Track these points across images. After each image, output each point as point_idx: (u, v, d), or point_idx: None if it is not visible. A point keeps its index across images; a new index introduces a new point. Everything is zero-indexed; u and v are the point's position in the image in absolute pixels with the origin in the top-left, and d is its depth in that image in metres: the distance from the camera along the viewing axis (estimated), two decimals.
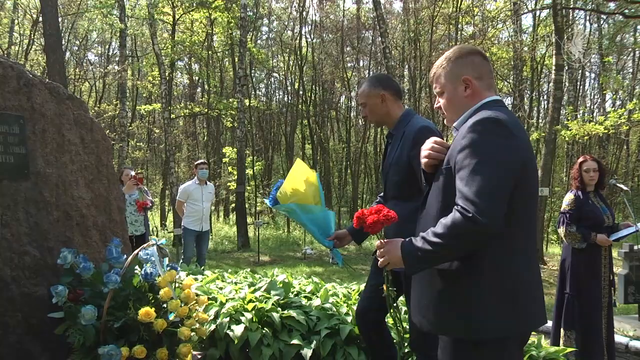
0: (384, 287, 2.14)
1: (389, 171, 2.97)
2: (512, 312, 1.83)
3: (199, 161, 8.17)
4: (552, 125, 12.14)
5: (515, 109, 19.42)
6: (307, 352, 3.25)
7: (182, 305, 2.76)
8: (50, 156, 3.02)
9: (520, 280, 1.86)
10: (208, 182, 8.03)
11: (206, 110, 21.86)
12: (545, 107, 24.72)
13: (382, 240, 1.98)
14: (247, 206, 18.40)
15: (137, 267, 2.90)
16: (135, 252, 2.80)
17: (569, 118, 13.77)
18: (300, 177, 3.14)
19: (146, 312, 2.53)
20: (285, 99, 28.75)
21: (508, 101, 25.09)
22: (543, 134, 13.44)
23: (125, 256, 2.89)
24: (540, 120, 23.94)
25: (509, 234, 1.81)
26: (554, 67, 12.16)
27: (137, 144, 23.52)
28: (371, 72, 26.61)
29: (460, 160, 1.81)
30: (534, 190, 1.93)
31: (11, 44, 21.82)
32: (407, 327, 3.06)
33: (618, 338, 5.09)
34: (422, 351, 2.77)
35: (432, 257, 1.84)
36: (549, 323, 5.19)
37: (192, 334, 2.78)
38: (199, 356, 3.19)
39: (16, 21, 22.32)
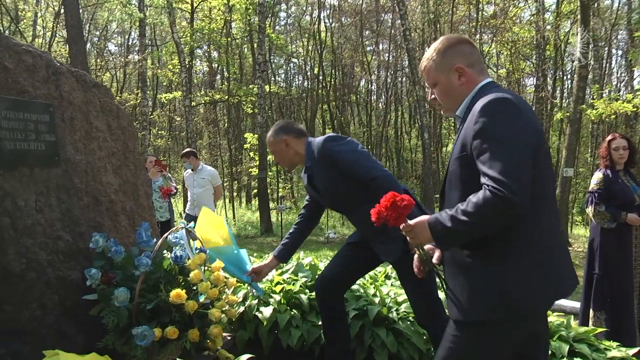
0: (421, 262, 2.15)
1: (326, 192, 3.09)
2: (546, 284, 1.85)
3: (184, 151, 8.12)
4: (577, 104, 11.93)
5: (538, 90, 19.10)
6: None
7: (212, 287, 2.80)
8: (78, 143, 3.06)
9: (549, 251, 1.88)
10: (206, 168, 7.96)
11: (226, 97, 21.94)
12: (569, 86, 24.31)
13: (406, 223, 1.95)
14: (269, 191, 18.48)
15: (165, 250, 2.95)
16: (165, 235, 2.84)
17: (594, 97, 13.50)
18: (208, 224, 3.32)
19: (177, 293, 2.57)
20: (305, 84, 28.71)
21: (531, 82, 24.72)
22: (567, 114, 13.20)
23: (155, 240, 2.93)
24: (564, 100, 23.55)
25: (533, 209, 1.81)
26: (578, 45, 11.90)
27: (159, 132, 23.77)
28: (391, 56, 26.36)
29: (479, 145, 1.82)
30: (548, 161, 1.96)
31: (35, 37, 22.10)
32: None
33: None
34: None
35: (462, 235, 1.83)
36: (577, 304, 5.15)
37: (222, 315, 2.82)
38: (229, 337, 3.24)
39: (39, 14, 22.60)
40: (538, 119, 1.99)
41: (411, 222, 1.94)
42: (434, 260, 2.16)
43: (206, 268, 2.94)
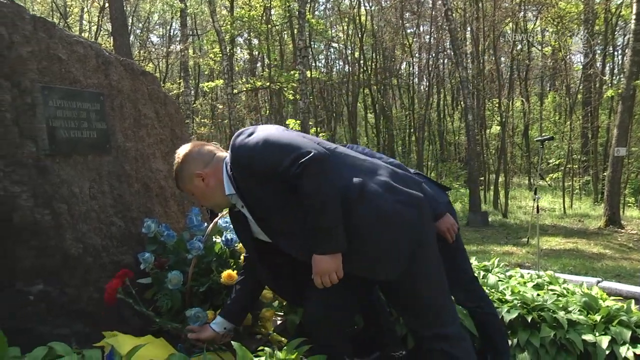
0: None
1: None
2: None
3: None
4: (630, 80, 11.44)
5: (586, 67, 18.42)
6: None
7: None
8: (128, 131, 3.12)
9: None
10: None
11: (268, 84, 22.02)
12: (620, 62, 23.36)
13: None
14: None
15: (215, 235, 2.98)
16: (216, 219, 2.87)
17: None
18: None
19: (229, 274, 2.60)
20: (346, 68, 28.54)
21: (578, 59, 23.86)
22: (619, 91, 12.67)
23: (205, 224, 2.97)
24: (614, 77, 22.64)
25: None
26: (633, 17, 11.39)
27: (202, 120, 24.08)
28: (432, 37, 25.90)
29: (257, 164, 1.99)
30: None
31: (82, 31, 22.71)
32: None
33: None
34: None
35: (330, 215, 1.91)
36: (635, 288, 4.96)
37: (274, 298, 2.84)
38: (280, 321, 3.26)
39: (85, 9, 23.18)
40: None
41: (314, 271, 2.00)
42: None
43: None
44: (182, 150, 2.26)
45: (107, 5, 15.99)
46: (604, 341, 2.92)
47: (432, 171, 26.67)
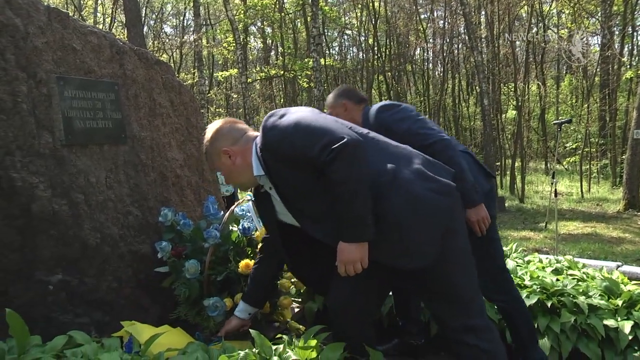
0: None
1: None
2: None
3: None
4: None
5: (604, 48, 18.08)
6: None
7: None
8: (143, 120, 3.12)
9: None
10: None
11: (282, 72, 21.97)
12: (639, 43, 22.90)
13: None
14: None
15: (232, 224, 2.97)
16: (232, 208, 2.87)
17: None
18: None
19: (246, 264, 2.59)
20: (360, 55, 28.36)
21: (595, 40, 23.45)
22: (639, 72, 12.43)
23: (222, 212, 2.97)
24: (633, 58, 22.22)
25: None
26: None
27: (217, 110, 24.14)
28: (447, 22, 25.61)
29: (286, 147, 1.95)
30: None
31: (96, 23, 22.82)
32: None
33: None
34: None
35: (360, 204, 1.88)
36: None
37: (292, 286, 2.83)
38: (298, 309, 3.26)
39: (99, 1, 23.27)
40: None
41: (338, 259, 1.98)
42: None
43: None
44: (214, 126, 2.25)
45: None
46: (627, 326, 2.87)
47: None
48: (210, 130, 2.24)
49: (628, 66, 19.51)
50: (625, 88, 21.92)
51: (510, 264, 3.60)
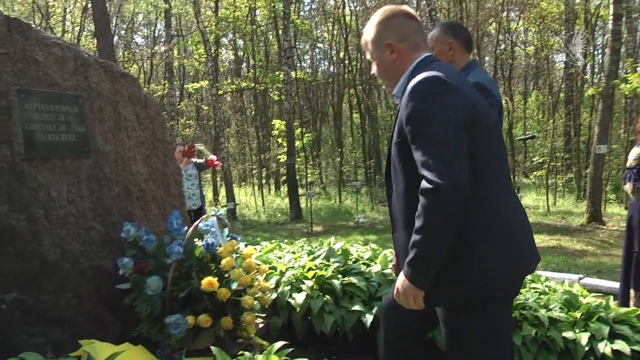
0: None
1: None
2: (510, 264, 1.78)
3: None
4: (609, 79, 11.54)
5: (568, 66, 18.58)
6: (369, 318, 3.24)
7: (244, 274, 2.79)
8: (108, 133, 3.08)
9: (507, 229, 1.80)
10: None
11: (253, 84, 21.97)
12: (601, 61, 23.60)
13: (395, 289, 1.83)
14: (297, 178, 18.51)
15: (197, 239, 2.95)
16: (196, 223, 2.85)
17: (628, 71, 13.05)
18: None
19: (209, 282, 2.57)
20: (331, 69, 28.53)
21: (560, 58, 24.08)
22: (599, 89, 12.79)
23: (186, 228, 2.94)
24: (595, 76, 22.87)
25: (479, 187, 1.74)
26: (611, 17, 11.49)
27: (187, 121, 23.95)
28: None
29: (410, 131, 1.74)
30: (493, 134, 1.85)
31: (64, 32, 22.47)
32: None
33: None
34: None
35: (433, 253, 1.69)
36: (614, 284, 5.01)
37: (255, 302, 2.81)
38: (262, 324, 3.24)
39: (68, 9, 22.95)
40: (475, 92, 1.87)
41: (398, 283, 1.82)
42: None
43: (238, 255, 2.94)
44: (388, 8, 1.98)
45: (89, 6, 15.85)
46: (584, 338, 2.95)
47: None
48: (382, 11, 1.98)
49: (590, 83, 20.05)
50: (589, 104, 22.54)
51: None
